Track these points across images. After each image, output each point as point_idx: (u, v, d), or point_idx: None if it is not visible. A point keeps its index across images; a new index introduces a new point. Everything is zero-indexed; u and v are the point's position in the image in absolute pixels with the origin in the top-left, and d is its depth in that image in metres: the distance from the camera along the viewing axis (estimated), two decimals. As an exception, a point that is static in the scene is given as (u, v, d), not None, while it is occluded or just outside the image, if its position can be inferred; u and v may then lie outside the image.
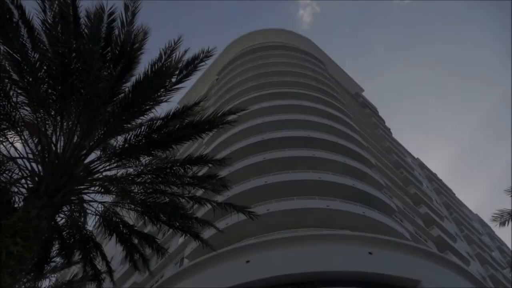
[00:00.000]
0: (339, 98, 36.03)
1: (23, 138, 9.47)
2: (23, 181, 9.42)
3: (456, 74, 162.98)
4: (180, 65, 9.70)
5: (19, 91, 8.94)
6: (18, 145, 10.96)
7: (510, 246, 50.09)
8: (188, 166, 10.02)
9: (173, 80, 9.66)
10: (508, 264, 40.03)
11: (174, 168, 9.87)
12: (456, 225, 37.90)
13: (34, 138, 9.71)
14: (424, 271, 16.15)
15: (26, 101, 9.06)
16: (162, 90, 9.44)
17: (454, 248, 27.83)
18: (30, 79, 8.59)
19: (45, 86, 8.89)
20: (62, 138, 9.47)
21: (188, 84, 10.24)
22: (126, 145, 9.38)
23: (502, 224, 12.82)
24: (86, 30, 8.88)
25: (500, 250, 46.56)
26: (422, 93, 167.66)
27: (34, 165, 9.26)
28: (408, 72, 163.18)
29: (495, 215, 12.84)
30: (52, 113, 9.25)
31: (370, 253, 15.83)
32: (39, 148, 9.47)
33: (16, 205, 10.12)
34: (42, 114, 9.22)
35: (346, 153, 25.86)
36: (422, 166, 48.64)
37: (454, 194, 51.17)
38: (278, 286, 14.97)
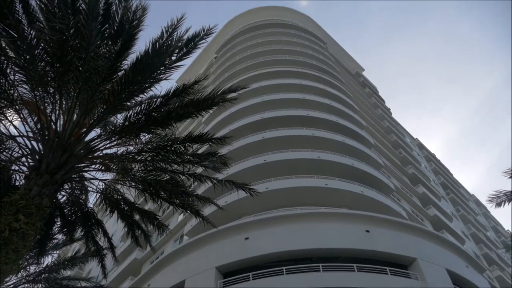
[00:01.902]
0: (339, 77, 35.84)
1: (22, 116, 9.44)
2: (23, 159, 9.44)
3: (457, 54, 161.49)
4: (180, 43, 9.60)
5: (16, 68, 8.84)
6: (18, 124, 10.93)
7: (505, 226, 50.82)
8: (188, 144, 10.02)
9: (173, 58, 9.57)
10: (503, 244, 40.67)
11: (174, 146, 9.88)
12: (453, 205, 38.32)
13: (33, 116, 9.68)
14: (420, 249, 16.42)
15: (24, 79, 8.98)
16: (162, 68, 9.35)
17: (450, 227, 28.20)
18: (27, 57, 8.47)
19: (42, 63, 8.79)
20: (62, 116, 9.43)
21: (187, 61, 10.12)
22: (126, 123, 9.35)
23: (498, 205, 12.92)
24: (83, 6, 8.72)
25: (495, 230, 47.24)
26: (423, 73, 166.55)
27: (34, 143, 9.26)
28: (409, 52, 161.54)
29: (492, 196, 12.93)
30: (51, 91, 9.18)
31: (367, 231, 16.06)
32: (38, 126, 9.45)
33: (17, 183, 10.17)
34: (40, 92, 9.15)
35: (346, 132, 25.91)
36: (421, 146, 48.80)
37: (451, 175, 51.53)
38: (277, 262, 15.23)
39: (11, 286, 12.86)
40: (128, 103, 9.67)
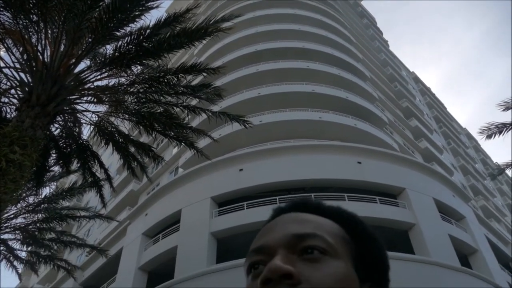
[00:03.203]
0: (336, 7, 34.48)
1: (6, 45, 9.10)
2: (13, 91, 9.26)
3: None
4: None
5: (-7, -7, 8.35)
6: (3, 55, 10.56)
7: (493, 159, 52.21)
8: (181, 74, 9.83)
9: (162, -17, 9.05)
10: (489, 174, 41.90)
11: (167, 77, 9.69)
12: (444, 138, 38.94)
13: (18, 46, 9.35)
14: (409, 179, 16.96)
15: (3, 5, 8.51)
16: (150, -6, 8.88)
17: (440, 159, 28.90)
18: (5, -20, 7.99)
19: (23, -12, 8.28)
20: (48, 47, 9.11)
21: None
22: (117, 54, 9.08)
23: (489, 137, 13.02)
24: None
25: (484, 162, 48.53)
26: (423, 4, 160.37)
27: (22, 75, 9.03)
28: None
29: (483, 128, 13.01)
30: (35, 20, 8.77)
31: (359, 162, 16.44)
32: (25, 57, 9.15)
33: (8, 116, 10.06)
34: (23, 21, 8.74)
35: (341, 65, 25.49)
36: (417, 80, 48.45)
37: (445, 108, 51.81)
38: (270, 192, 15.73)
39: (12, 216, 13.27)
40: (117, 33, 9.31)
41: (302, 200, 0.75)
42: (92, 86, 9.83)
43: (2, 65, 9.20)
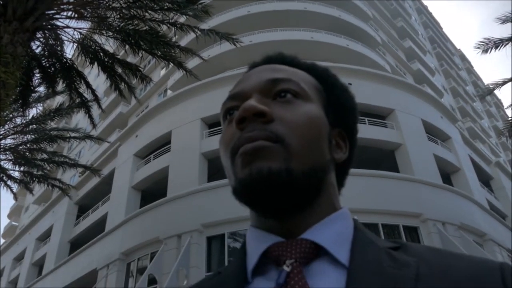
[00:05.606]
0: None
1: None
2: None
3: None
4: None
5: None
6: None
7: (485, 81, 52.26)
8: (166, -12, 9.26)
9: None
10: (478, 96, 42.19)
11: (151, -10, 9.14)
12: (437, 60, 38.48)
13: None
14: (398, 100, 17.03)
15: None
16: None
17: (431, 81, 28.82)
18: None
19: None
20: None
21: None
22: (95, -37, 8.44)
23: (485, 51, 12.79)
24: None
25: (475, 84, 48.56)
26: None
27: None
28: None
29: (480, 43, 12.74)
30: None
31: (349, 83, 16.28)
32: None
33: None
34: None
35: (336, -20, 24.16)
36: (414, -4, 46.56)
37: (441, 29, 50.52)
38: (261, 113, 15.74)
39: (0, 136, 13.18)
40: None
41: (277, 54, 0.76)
42: (72, 0, 9.27)
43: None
